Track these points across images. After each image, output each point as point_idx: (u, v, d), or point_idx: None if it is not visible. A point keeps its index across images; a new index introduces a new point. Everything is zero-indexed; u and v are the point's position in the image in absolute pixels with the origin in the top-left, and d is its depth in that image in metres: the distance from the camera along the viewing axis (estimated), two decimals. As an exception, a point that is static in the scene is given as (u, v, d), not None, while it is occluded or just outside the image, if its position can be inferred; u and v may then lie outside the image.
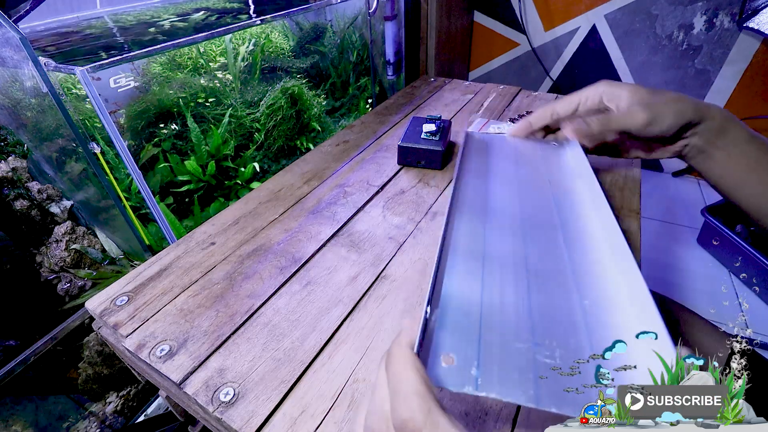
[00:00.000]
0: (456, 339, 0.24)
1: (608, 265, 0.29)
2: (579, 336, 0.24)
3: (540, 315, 0.25)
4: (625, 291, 0.26)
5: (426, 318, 0.24)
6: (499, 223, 0.35)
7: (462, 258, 0.30)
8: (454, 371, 0.22)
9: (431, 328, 0.24)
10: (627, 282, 0.27)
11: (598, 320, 0.25)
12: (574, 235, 0.33)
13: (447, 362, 0.22)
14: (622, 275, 0.28)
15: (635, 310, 0.25)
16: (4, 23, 0.49)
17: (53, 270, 0.73)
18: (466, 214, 0.36)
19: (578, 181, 0.41)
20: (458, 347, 0.23)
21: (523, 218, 0.35)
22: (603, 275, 0.29)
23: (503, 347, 0.23)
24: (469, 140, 0.51)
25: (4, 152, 0.71)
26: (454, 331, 0.24)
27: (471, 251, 0.31)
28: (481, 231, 0.34)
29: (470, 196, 0.39)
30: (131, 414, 0.84)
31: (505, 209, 0.37)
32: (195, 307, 0.35)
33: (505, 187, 0.40)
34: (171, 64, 0.92)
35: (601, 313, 0.25)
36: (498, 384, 0.21)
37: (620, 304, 0.26)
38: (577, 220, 0.35)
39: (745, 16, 1.19)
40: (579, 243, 0.32)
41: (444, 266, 0.29)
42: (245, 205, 0.49)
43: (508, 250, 0.31)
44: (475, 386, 0.21)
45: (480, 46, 1.68)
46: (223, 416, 0.27)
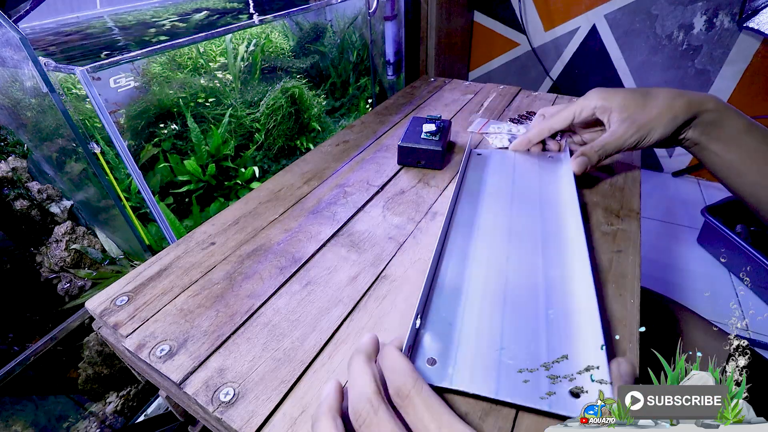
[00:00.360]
0: (438, 345, 0.29)
1: (574, 281, 0.34)
2: (539, 342, 0.29)
3: (510, 324, 0.30)
4: (583, 305, 0.31)
5: (415, 328, 0.29)
6: (488, 241, 0.40)
7: (451, 275, 0.35)
8: (435, 370, 0.28)
9: (419, 336, 0.30)
10: (586, 297, 0.31)
11: (558, 329, 0.30)
12: (552, 251, 0.37)
13: (430, 363, 0.28)
14: (584, 291, 0.32)
15: (586, 323, 0.30)
16: (4, 23, 0.49)
17: (53, 270, 0.73)
18: (459, 232, 0.41)
19: (563, 197, 0.45)
20: (439, 352, 0.29)
21: (511, 234, 0.40)
22: (569, 290, 0.33)
23: (476, 351, 0.29)
24: (471, 158, 0.56)
25: (4, 152, 0.71)
26: (438, 339, 0.30)
27: (458, 269, 0.36)
28: (470, 249, 0.39)
29: (466, 213, 0.44)
30: (131, 414, 0.84)
31: (496, 226, 0.42)
32: (195, 307, 0.35)
33: (499, 203, 0.45)
34: (171, 64, 0.92)
35: (560, 323, 0.30)
36: (468, 380, 0.27)
37: (576, 317, 0.30)
38: (557, 236, 0.39)
39: (745, 16, 1.19)
40: (555, 258, 0.36)
41: (435, 284, 0.35)
42: (245, 205, 0.49)
43: (493, 268, 0.36)
44: (450, 382, 0.27)
45: (480, 46, 1.68)
46: (223, 416, 0.27)
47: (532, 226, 0.41)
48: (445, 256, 0.38)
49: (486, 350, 0.29)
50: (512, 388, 0.26)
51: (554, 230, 0.40)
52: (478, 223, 0.43)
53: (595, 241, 0.41)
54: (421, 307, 0.31)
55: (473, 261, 0.37)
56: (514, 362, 0.28)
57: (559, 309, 0.31)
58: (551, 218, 0.42)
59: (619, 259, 0.39)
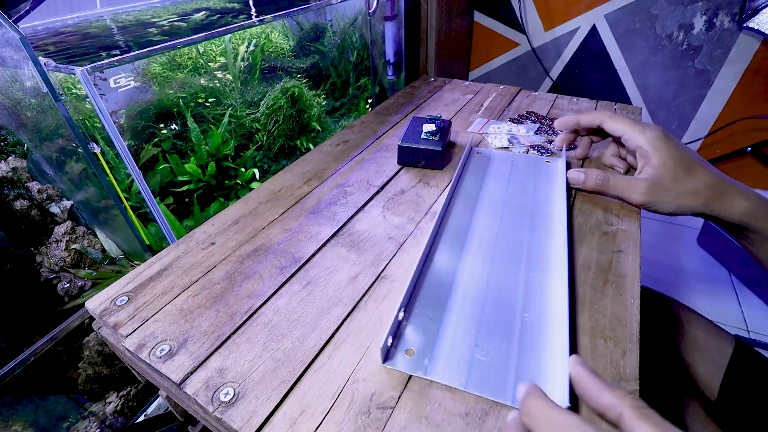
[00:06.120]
0: (418, 338, 0.31)
1: (552, 288, 0.35)
2: (511, 342, 0.31)
3: (486, 324, 0.32)
4: (556, 311, 0.32)
5: (398, 320, 0.31)
6: (477, 242, 0.41)
7: (438, 273, 0.37)
8: (411, 360, 0.30)
9: (402, 328, 0.32)
10: (561, 305, 0.33)
11: (531, 332, 0.31)
12: (536, 257, 0.39)
13: (408, 354, 0.30)
14: (559, 299, 0.33)
15: (557, 329, 0.31)
16: (4, 23, 0.49)
17: (53, 270, 0.73)
18: (449, 231, 0.43)
19: (554, 205, 0.46)
20: (418, 344, 0.31)
21: (498, 237, 0.42)
22: (546, 296, 0.34)
23: (452, 346, 0.31)
24: (471, 156, 0.56)
25: (4, 152, 0.71)
26: (418, 332, 0.32)
27: (445, 268, 0.38)
28: (458, 248, 0.40)
29: (458, 213, 0.45)
30: (131, 414, 0.84)
31: (485, 228, 0.43)
32: (195, 307, 0.35)
33: (491, 205, 0.47)
34: (171, 64, 0.92)
35: (534, 327, 0.32)
36: (441, 372, 0.29)
37: (548, 323, 0.32)
38: (542, 242, 0.40)
39: (745, 16, 1.19)
40: (537, 264, 0.38)
41: (422, 280, 0.36)
42: (245, 205, 0.49)
43: (478, 269, 0.38)
44: (425, 372, 0.29)
45: (480, 46, 1.68)
46: (223, 416, 0.27)
47: (521, 231, 0.42)
48: (434, 254, 0.39)
49: (461, 346, 0.30)
50: (481, 383, 0.28)
51: (541, 237, 0.41)
52: (469, 223, 0.44)
53: (595, 241, 0.41)
54: (406, 300, 0.33)
55: (460, 260, 0.39)
56: (486, 359, 0.29)
57: (534, 314, 0.33)
58: (540, 225, 0.43)
59: (619, 259, 0.39)
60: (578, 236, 0.42)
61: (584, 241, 0.41)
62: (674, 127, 1.49)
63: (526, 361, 0.29)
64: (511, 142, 0.60)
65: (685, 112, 1.45)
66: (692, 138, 1.48)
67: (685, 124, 1.47)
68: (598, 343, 0.31)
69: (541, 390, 0.23)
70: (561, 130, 0.54)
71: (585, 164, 0.55)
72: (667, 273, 1.23)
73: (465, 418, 0.26)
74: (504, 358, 0.29)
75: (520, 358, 0.29)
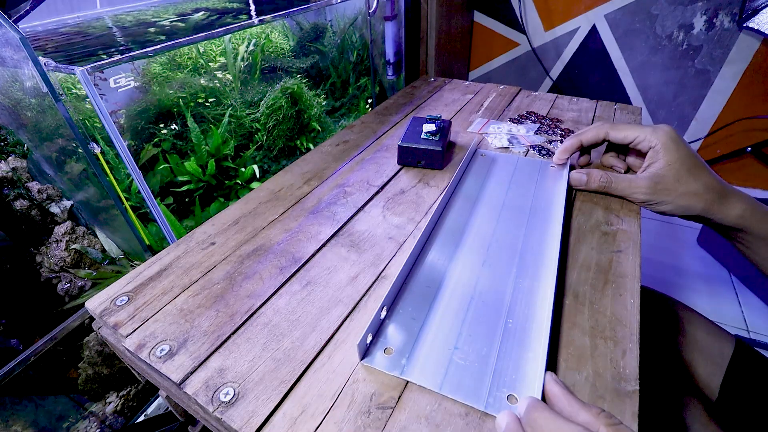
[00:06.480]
0: (399, 337, 0.31)
1: (538, 295, 0.34)
2: (491, 347, 0.30)
3: (468, 327, 0.32)
4: (539, 323, 0.32)
5: (380, 318, 0.31)
6: (469, 244, 0.41)
7: (426, 273, 0.37)
8: (389, 359, 0.30)
9: (383, 326, 0.32)
10: (545, 313, 0.32)
11: (512, 339, 0.31)
12: (527, 263, 0.38)
13: (387, 353, 0.30)
14: (544, 307, 0.33)
15: (537, 337, 0.31)
16: (4, 23, 0.49)
17: (53, 270, 0.73)
18: (443, 231, 0.42)
19: (552, 212, 0.45)
20: (398, 343, 0.31)
21: (492, 241, 0.41)
22: (532, 303, 0.34)
23: (431, 348, 0.30)
24: (474, 158, 0.56)
25: (4, 152, 0.71)
26: (400, 331, 0.32)
27: (435, 268, 0.38)
28: (450, 249, 0.40)
29: (453, 214, 0.45)
30: (131, 414, 0.84)
31: (480, 230, 0.43)
32: (195, 307, 0.35)
33: (489, 208, 0.46)
34: (171, 64, 0.92)
35: (515, 333, 0.31)
36: (417, 373, 0.29)
37: (531, 330, 0.31)
38: (535, 249, 0.40)
39: (745, 16, 1.19)
40: (527, 270, 0.37)
41: (410, 279, 0.36)
42: (245, 205, 0.49)
43: (466, 271, 0.37)
44: (401, 372, 0.29)
45: (480, 46, 1.68)
46: (223, 416, 0.27)
47: (515, 236, 0.42)
48: (427, 253, 0.39)
49: (440, 348, 0.30)
50: (456, 386, 0.28)
51: (535, 242, 0.41)
52: (465, 224, 0.44)
53: (595, 241, 0.41)
54: (390, 299, 0.33)
55: (450, 262, 0.38)
56: (464, 363, 0.29)
57: (519, 321, 0.32)
58: (535, 231, 0.42)
59: (619, 259, 0.39)
60: (578, 236, 0.42)
61: (584, 241, 0.41)
62: (674, 127, 1.49)
63: (503, 368, 0.29)
64: (511, 142, 0.60)
65: (685, 112, 1.45)
66: (692, 138, 1.48)
67: (685, 124, 1.47)
68: (598, 342, 0.31)
69: (543, 402, 0.24)
70: (566, 158, 0.52)
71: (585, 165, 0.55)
72: (667, 273, 1.23)
73: (465, 419, 0.26)
74: (482, 363, 0.29)
75: (498, 365, 0.29)
